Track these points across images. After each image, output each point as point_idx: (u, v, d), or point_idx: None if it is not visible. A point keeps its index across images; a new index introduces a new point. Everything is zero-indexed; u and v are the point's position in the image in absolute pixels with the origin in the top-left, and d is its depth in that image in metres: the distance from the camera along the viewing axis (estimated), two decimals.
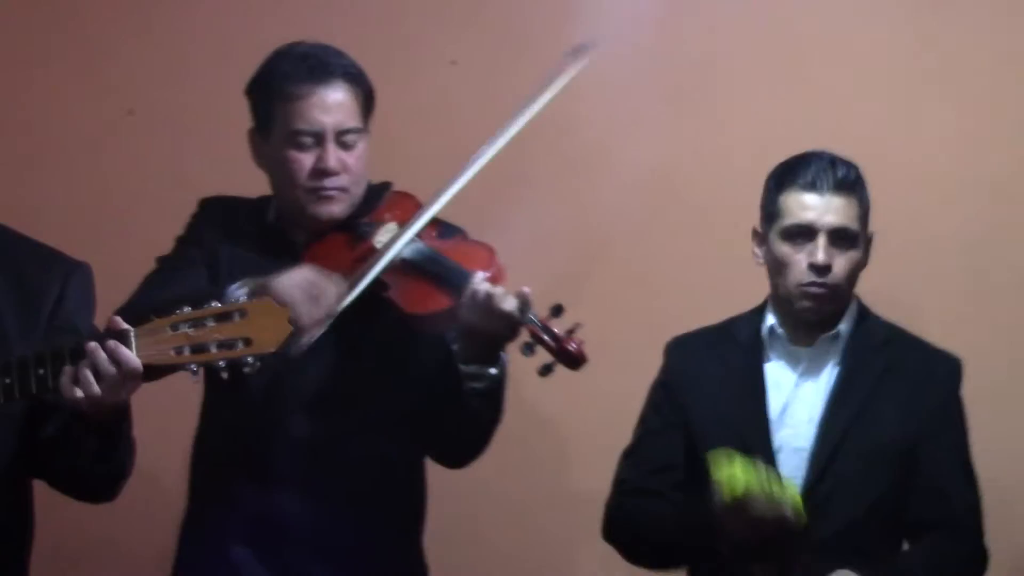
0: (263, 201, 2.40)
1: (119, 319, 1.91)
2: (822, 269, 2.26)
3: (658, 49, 3.22)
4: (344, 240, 2.26)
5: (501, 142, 2.26)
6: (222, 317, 1.89)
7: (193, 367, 1.91)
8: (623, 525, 2.40)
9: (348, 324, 2.19)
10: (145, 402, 2.23)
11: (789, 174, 2.33)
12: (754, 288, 2.47)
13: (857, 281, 2.34)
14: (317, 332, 2.09)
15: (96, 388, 1.88)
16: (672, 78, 3.22)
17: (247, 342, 1.88)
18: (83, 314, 2.21)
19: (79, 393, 1.89)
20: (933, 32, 3.18)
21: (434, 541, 2.49)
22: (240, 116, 3.52)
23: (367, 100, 2.34)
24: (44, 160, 3.63)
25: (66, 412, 1.99)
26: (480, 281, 2.08)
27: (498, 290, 2.07)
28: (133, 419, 2.15)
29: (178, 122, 3.71)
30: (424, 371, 2.23)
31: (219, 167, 3.43)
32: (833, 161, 2.31)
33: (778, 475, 2.15)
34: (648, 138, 3.20)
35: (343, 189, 2.27)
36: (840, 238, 2.27)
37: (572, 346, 2.06)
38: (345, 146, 2.27)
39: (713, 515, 2.14)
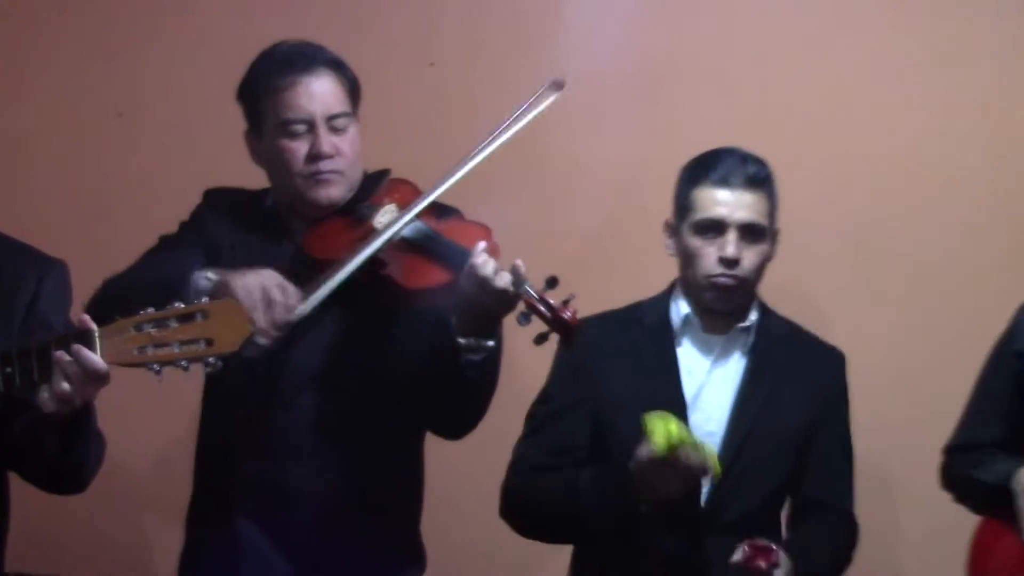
0: (262, 192, 2.46)
1: (87, 318, 1.96)
2: (731, 262, 2.33)
3: (627, 61, 3.37)
4: (345, 223, 2.31)
5: (484, 154, 2.33)
6: (184, 318, 1.93)
7: (156, 367, 1.94)
8: (521, 503, 2.46)
9: (350, 302, 2.26)
10: (119, 398, 2.27)
11: (701, 169, 2.39)
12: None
13: (762, 275, 2.43)
14: (276, 334, 2.14)
15: (64, 386, 1.93)
16: (644, 85, 3.37)
17: (208, 342, 1.92)
18: (58, 311, 2.27)
19: (45, 394, 1.95)
20: (838, 53, 3.37)
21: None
22: (225, 119, 3.57)
23: (353, 88, 2.40)
24: (36, 160, 3.71)
25: (34, 409, 2.03)
26: (478, 254, 2.12)
27: (494, 264, 2.11)
28: (116, 416, 2.25)
29: (165, 124, 3.77)
30: (423, 347, 2.26)
31: (205, 167, 3.48)
32: (744, 158, 2.37)
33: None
34: (620, 142, 3.34)
35: (339, 172, 2.33)
36: (749, 232, 2.34)
37: (567, 315, 2.10)
38: (336, 131, 2.33)
39: (635, 473, 2.22)
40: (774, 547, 2.20)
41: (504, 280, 2.09)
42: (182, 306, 1.94)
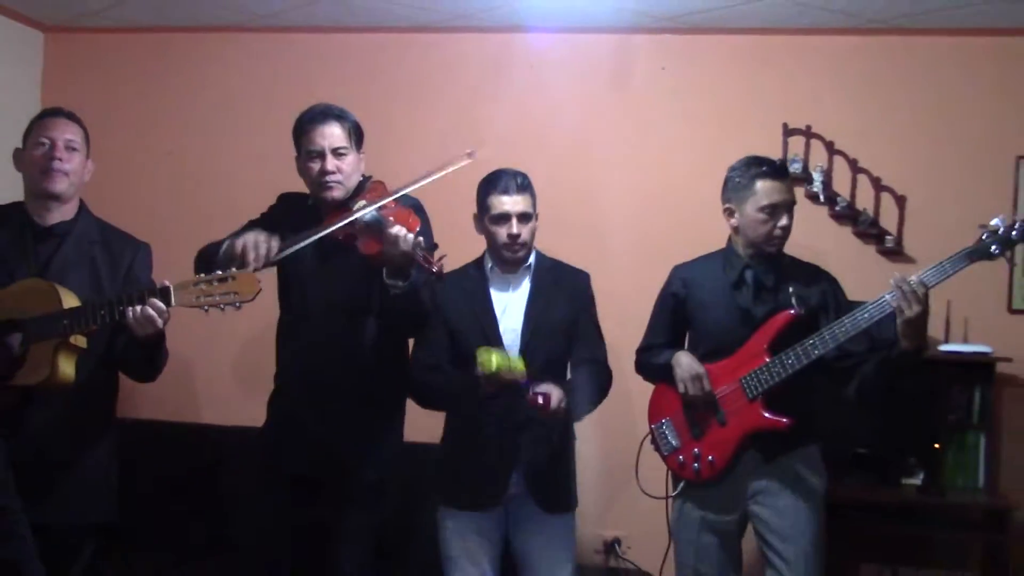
0: (306, 194, 2.80)
1: (167, 281, 2.39)
2: (515, 237, 2.71)
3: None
4: (344, 210, 2.62)
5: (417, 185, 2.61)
6: (221, 279, 2.33)
7: (205, 308, 2.34)
8: (416, 386, 2.78)
9: (341, 261, 2.61)
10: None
11: (490, 183, 2.74)
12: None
13: (534, 237, 2.76)
14: (262, 264, 2.47)
15: (157, 320, 2.38)
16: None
17: (236, 293, 2.32)
18: (145, 272, 2.67)
19: (137, 326, 2.39)
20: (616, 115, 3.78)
21: None
22: (243, 158, 3.98)
23: (352, 130, 2.71)
24: (118, 181, 3.87)
25: (127, 335, 2.45)
26: (391, 227, 2.46)
27: (402, 232, 2.44)
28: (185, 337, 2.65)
29: (202, 159, 4.04)
30: (375, 284, 2.58)
31: (228, 191, 3.86)
32: (515, 174, 2.73)
33: (513, 355, 2.62)
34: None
35: (339, 182, 2.66)
36: (523, 218, 2.72)
37: (435, 267, 2.48)
38: (338, 156, 2.67)
39: (476, 380, 2.60)
40: (546, 391, 2.57)
41: (406, 244, 2.44)
42: (220, 273, 2.34)
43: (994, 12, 3.41)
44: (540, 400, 2.58)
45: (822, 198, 3.66)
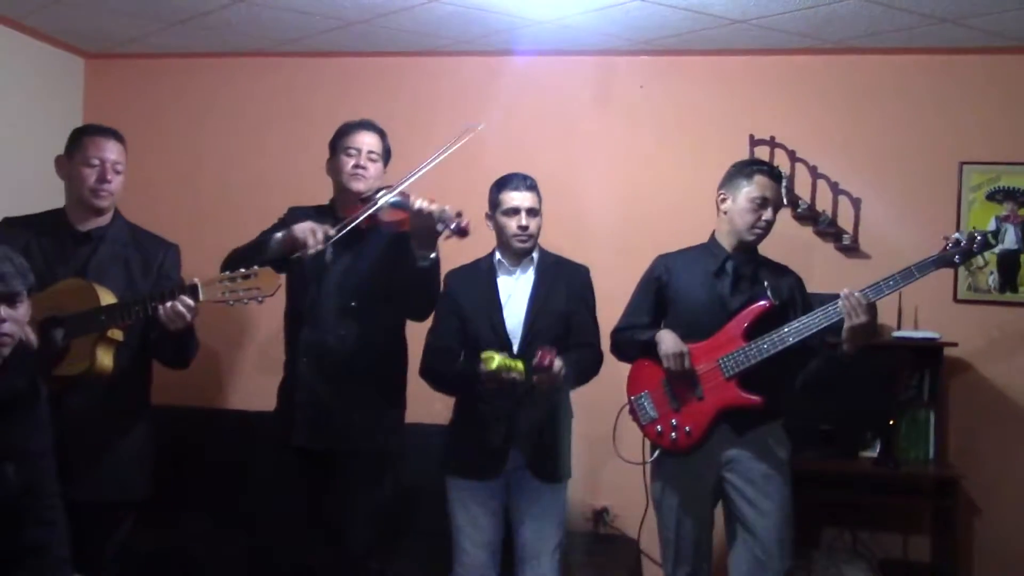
0: (328, 202, 2.83)
1: (195, 278, 2.35)
2: (524, 228, 2.74)
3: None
4: (361, 204, 2.68)
5: (424, 169, 2.65)
6: (245, 276, 2.29)
7: (231, 302, 2.31)
8: (429, 370, 2.80)
9: (360, 243, 2.64)
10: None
11: (503, 182, 2.79)
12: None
13: (539, 233, 2.79)
14: (320, 246, 2.52)
15: (187, 315, 2.33)
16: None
17: (257, 289, 2.29)
18: (175, 271, 2.66)
19: (168, 321, 2.36)
20: (596, 127, 3.76)
21: None
22: (265, 170, 3.94)
23: (386, 145, 2.80)
24: (155, 191, 3.88)
25: (159, 328, 2.41)
26: (416, 199, 2.55)
27: (426, 202, 2.54)
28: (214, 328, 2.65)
29: (229, 171, 4.01)
30: (398, 259, 2.64)
31: (251, 200, 3.84)
32: (524, 176, 2.79)
33: (515, 357, 2.63)
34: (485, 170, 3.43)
35: (365, 177, 2.73)
36: (530, 212, 2.76)
37: (463, 224, 2.54)
38: (370, 159, 2.76)
39: (478, 374, 2.61)
40: (554, 351, 2.58)
41: (429, 208, 2.52)
42: (244, 270, 2.30)
43: (935, 34, 3.39)
44: (546, 361, 2.56)
45: (786, 201, 3.58)
